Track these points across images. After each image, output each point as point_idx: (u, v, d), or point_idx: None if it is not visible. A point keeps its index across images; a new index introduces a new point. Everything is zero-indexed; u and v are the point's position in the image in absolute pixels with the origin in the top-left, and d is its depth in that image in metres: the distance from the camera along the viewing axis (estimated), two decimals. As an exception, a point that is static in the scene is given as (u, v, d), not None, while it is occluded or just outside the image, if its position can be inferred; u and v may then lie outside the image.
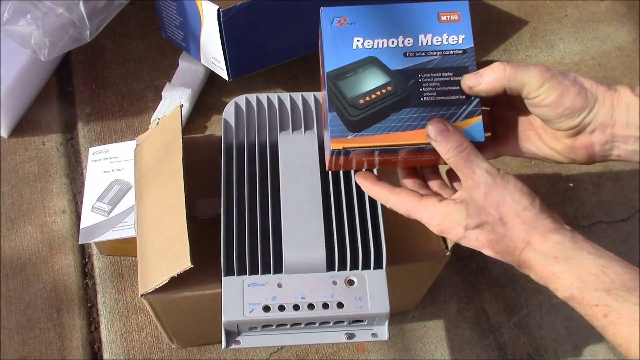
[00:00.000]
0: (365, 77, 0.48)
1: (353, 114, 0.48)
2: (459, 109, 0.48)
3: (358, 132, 0.48)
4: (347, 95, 0.48)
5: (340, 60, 0.49)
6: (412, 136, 0.47)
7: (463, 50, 0.49)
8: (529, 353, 0.79)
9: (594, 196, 0.91)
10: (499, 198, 0.44)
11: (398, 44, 0.49)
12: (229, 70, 0.82)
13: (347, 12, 0.49)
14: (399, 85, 0.48)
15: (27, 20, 0.78)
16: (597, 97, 0.44)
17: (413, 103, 0.48)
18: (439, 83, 0.48)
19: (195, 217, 0.63)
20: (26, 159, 0.87)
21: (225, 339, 0.55)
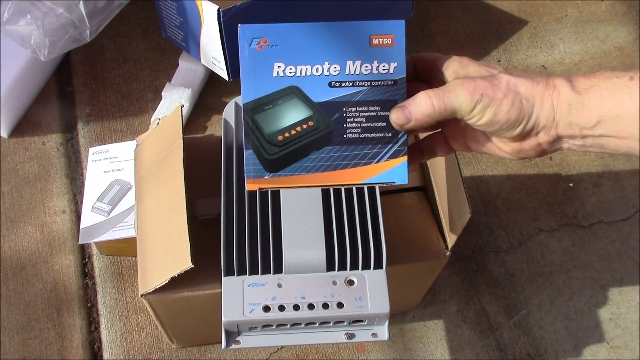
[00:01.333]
0: (285, 110, 0.44)
1: (271, 152, 0.44)
2: (383, 148, 0.45)
3: (275, 172, 0.44)
4: (265, 130, 0.44)
5: (258, 90, 0.44)
6: (334, 177, 0.45)
7: (394, 81, 0.45)
8: (529, 353, 0.79)
9: (594, 196, 0.91)
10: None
11: (323, 72, 0.44)
12: (229, 70, 0.82)
13: (268, 31, 0.44)
14: (322, 120, 0.44)
15: (27, 20, 0.78)
16: (535, 101, 0.42)
17: (336, 140, 0.44)
18: (365, 118, 0.45)
19: (196, 217, 0.63)
20: (26, 159, 0.87)
21: (225, 339, 0.55)
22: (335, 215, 0.57)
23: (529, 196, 0.89)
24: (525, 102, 0.42)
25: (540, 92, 0.43)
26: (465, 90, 0.42)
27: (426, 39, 1.03)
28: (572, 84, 0.42)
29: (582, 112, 0.42)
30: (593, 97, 0.41)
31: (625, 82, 0.41)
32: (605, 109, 0.41)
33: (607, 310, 0.82)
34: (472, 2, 1.08)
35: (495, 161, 0.91)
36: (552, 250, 0.86)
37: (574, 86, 0.42)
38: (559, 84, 0.43)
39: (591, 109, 0.41)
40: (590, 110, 0.41)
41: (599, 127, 0.42)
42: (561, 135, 0.43)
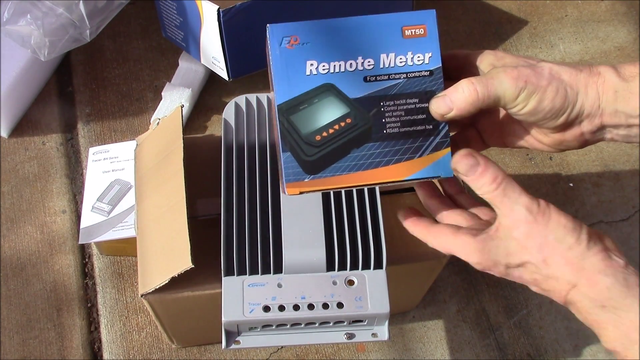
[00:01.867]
0: (321, 108, 0.43)
1: (309, 152, 0.43)
2: (425, 141, 0.44)
3: (316, 173, 0.43)
4: (302, 131, 0.43)
5: (292, 90, 0.43)
6: (376, 175, 0.44)
7: (430, 72, 0.44)
8: (529, 353, 0.79)
9: (594, 196, 0.91)
10: (541, 238, 0.40)
11: (357, 67, 0.43)
12: (229, 70, 0.82)
13: (298, 29, 0.43)
14: (360, 116, 0.43)
15: (27, 20, 0.78)
16: (579, 89, 0.41)
17: (375, 136, 0.43)
18: (404, 112, 0.43)
19: (196, 217, 0.63)
20: (26, 159, 0.87)
21: (225, 339, 0.55)
22: (335, 215, 0.57)
23: (529, 196, 0.89)
24: (570, 90, 0.41)
25: (584, 79, 0.41)
26: (509, 77, 0.40)
27: (426, 39, 1.03)
28: (618, 71, 0.41)
29: (630, 99, 0.40)
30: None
31: None
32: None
33: (607, 310, 0.82)
34: (472, 2, 1.08)
35: (495, 161, 0.91)
36: (552, 250, 0.86)
37: (620, 73, 0.41)
38: (604, 71, 0.41)
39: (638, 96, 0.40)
40: (637, 98, 0.40)
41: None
42: (606, 124, 0.42)
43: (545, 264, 0.40)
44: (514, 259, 0.41)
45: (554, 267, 0.40)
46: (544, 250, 0.40)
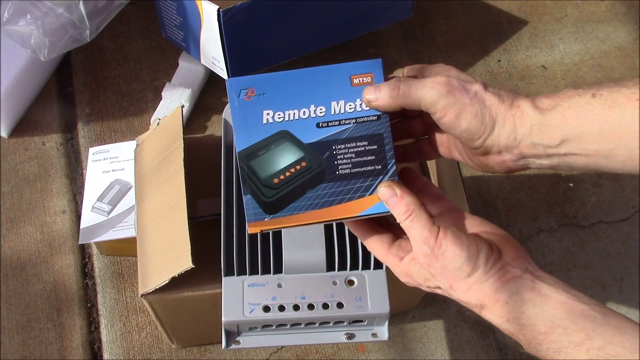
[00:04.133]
0: (278, 153, 0.47)
1: (268, 194, 0.46)
2: (375, 180, 0.46)
3: (274, 213, 0.46)
4: (261, 175, 0.47)
5: (250, 138, 0.47)
6: (330, 213, 0.46)
7: (377, 116, 0.47)
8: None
9: (594, 196, 0.91)
10: (441, 268, 0.43)
11: (310, 114, 0.47)
12: (229, 70, 0.82)
13: (255, 82, 0.47)
14: (314, 159, 0.46)
15: (27, 20, 0.78)
16: (497, 118, 0.43)
17: (329, 177, 0.46)
18: (354, 154, 0.47)
19: (196, 217, 0.63)
20: (26, 159, 0.87)
21: (225, 339, 0.55)
22: (335, 216, 0.57)
23: (529, 196, 0.89)
24: (489, 118, 0.43)
25: (503, 111, 0.43)
26: (434, 83, 0.43)
27: (426, 38, 1.03)
28: (536, 104, 0.42)
29: (545, 132, 0.42)
30: (556, 116, 0.41)
31: (587, 99, 0.41)
32: (569, 127, 0.41)
33: (607, 310, 0.82)
34: (472, 2, 1.08)
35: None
36: (552, 250, 0.86)
37: (537, 106, 0.42)
38: (523, 104, 0.43)
39: (554, 128, 0.41)
40: (554, 130, 0.41)
41: (563, 146, 0.42)
42: (525, 154, 0.43)
43: (453, 290, 0.43)
44: (429, 283, 0.45)
45: (460, 293, 0.43)
46: (448, 278, 0.43)
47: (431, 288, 0.46)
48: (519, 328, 0.41)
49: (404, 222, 0.44)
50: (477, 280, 0.42)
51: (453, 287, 0.43)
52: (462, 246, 0.42)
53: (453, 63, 1.00)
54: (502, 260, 0.43)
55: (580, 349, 0.39)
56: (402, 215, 0.44)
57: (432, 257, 0.43)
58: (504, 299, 0.42)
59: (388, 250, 0.48)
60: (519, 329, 0.41)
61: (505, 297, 0.42)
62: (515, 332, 0.42)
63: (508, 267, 0.43)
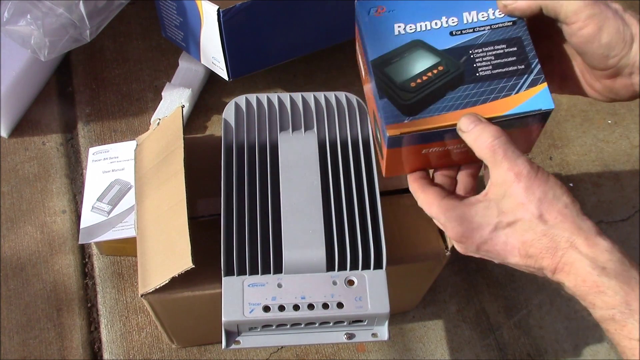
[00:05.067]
0: (412, 60, 0.45)
1: (406, 97, 0.44)
2: (520, 79, 0.44)
3: (414, 115, 0.44)
4: (397, 80, 0.45)
5: (383, 47, 0.46)
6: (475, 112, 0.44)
7: (512, 22, 0.45)
8: (529, 353, 0.79)
9: (594, 196, 0.91)
10: (541, 194, 0.39)
11: (442, 25, 0.46)
12: (229, 70, 0.82)
13: (384, 1, 0.47)
14: (451, 63, 0.45)
15: (27, 20, 0.78)
16: (635, 38, 0.40)
17: (469, 79, 0.44)
18: (493, 56, 0.45)
19: (196, 217, 0.63)
20: (26, 159, 0.87)
21: (225, 339, 0.55)
22: (335, 215, 0.57)
23: (529, 196, 0.89)
24: (629, 36, 0.41)
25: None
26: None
27: (426, 39, 1.03)
28: None
29: None
30: None
31: None
32: None
33: (607, 310, 0.82)
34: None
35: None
36: (552, 250, 0.86)
37: None
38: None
39: None
40: None
41: None
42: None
43: (542, 220, 0.39)
44: (506, 216, 0.41)
45: (551, 223, 0.39)
46: (542, 205, 0.39)
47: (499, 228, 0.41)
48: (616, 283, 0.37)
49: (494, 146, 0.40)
50: (574, 215, 0.39)
51: (544, 217, 0.39)
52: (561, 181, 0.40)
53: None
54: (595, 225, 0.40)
55: None
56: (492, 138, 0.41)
57: (534, 179, 0.40)
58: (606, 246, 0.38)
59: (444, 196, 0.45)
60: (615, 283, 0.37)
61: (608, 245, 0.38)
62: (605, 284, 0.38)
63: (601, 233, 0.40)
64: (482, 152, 0.41)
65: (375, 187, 0.59)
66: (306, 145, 0.60)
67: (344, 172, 0.59)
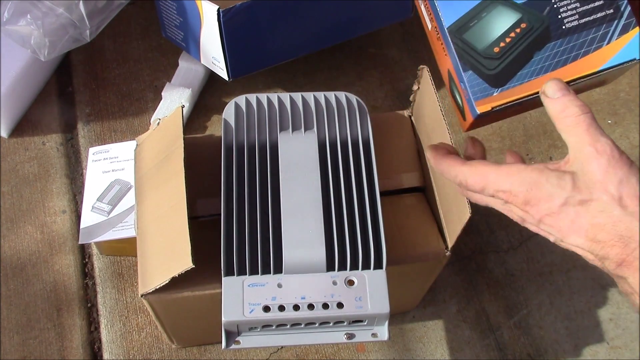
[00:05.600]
0: (492, 20, 0.42)
1: (491, 66, 0.42)
2: (610, 27, 0.41)
3: (503, 85, 0.42)
4: (478, 46, 0.42)
5: (457, 10, 0.42)
6: (568, 72, 0.41)
7: None
8: (529, 353, 0.79)
9: (594, 196, 0.91)
10: (623, 175, 0.36)
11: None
12: (229, 70, 0.82)
13: None
14: (534, 18, 0.42)
15: (27, 20, 0.78)
16: None
17: (555, 35, 0.42)
18: (579, 3, 0.41)
19: (196, 217, 0.63)
20: (26, 159, 0.87)
21: (225, 339, 0.55)
22: (335, 215, 0.57)
23: (529, 196, 0.89)
24: None
25: None
26: None
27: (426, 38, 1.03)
28: None
29: None
30: None
31: None
32: None
33: (607, 310, 0.82)
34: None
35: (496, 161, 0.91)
36: (552, 250, 0.86)
37: None
38: None
39: None
40: None
41: None
42: None
43: (621, 204, 0.36)
44: (580, 193, 0.37)
45: (631, 210, 0.36)
46: (623, 188, 0.36)
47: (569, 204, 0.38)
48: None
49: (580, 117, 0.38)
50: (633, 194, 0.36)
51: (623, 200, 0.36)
52: None
53: (453, 63, 1.00)
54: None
55: None
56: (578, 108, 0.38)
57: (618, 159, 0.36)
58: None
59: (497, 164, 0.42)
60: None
61: None
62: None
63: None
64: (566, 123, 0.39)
65: (375, 187, 0.59)
66: (306, 146, 0.60)
67: (344, 172, 0.59)
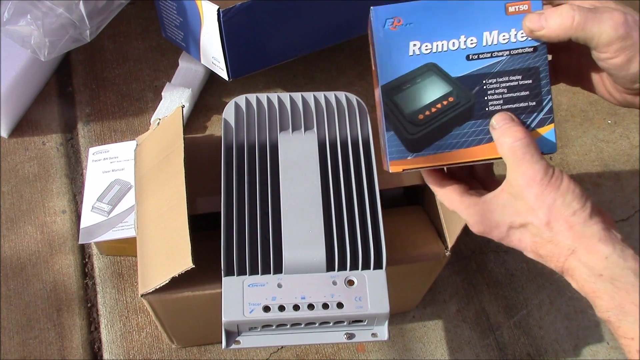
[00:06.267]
0: (424, 87, 0.44)
1: (412, 131, 0.44)
2: (529, 117, 0.43)
3: (418, 151, 0.44)
4: (405, 110, 0.44)
5: (395, 71, 0.44)
6: (478, 152, 0.44)
7: (533, 48, 0.43)
8: (529, 353, 0.79)
9: (594, 196, 0.91)
10: (551, 200, 0.40)
11: (459, 46, 0.44)
12: (229, 70, 0.82)
13: (402, 10, 0.44)
14: (462, 95, 0.44)
15: (27, 20, 0.78)
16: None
17: (477, 114, 0.44)
18: (506, 89, 0.44)
19: (195, 215, 0.63)
20: (26, 159, 0.87)
21: (225, 339, 0.55)
22: (335, 216, 0.57)
23: (529, 196, 0.89)
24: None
25: None
26: (613, 21, 0.39)
27: (426, 39, 1.03)
28: None
29: None
30: None
31: None
32: None
33: (607, 310, 0.82)
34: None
35: (495, 161, 0.91)
36: (552, 250, 0.86)
37: None
38: None
39: None
40: None
41: None
42: None
43: (548, 227, 0.41)
44: (518, 218, 0.42)
45: (556, 231, 0.40)
46: (551, 213, 0.40)
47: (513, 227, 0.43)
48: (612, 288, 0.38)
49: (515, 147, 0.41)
50: (580, 222, 0.40)
51: (550, 224, 0.41)
52: (575, 184, 0.41)
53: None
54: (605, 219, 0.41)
55: None
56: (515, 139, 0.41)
57: (547, 186, 0.40)
58: (605, 252, 0.39)
59: (464, 193, 0.45)
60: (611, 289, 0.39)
61: (608, 251, 0.39)
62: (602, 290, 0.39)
63: (611, 228, 0.40)
64: (503, 151, 0.42)
65: (375, 187, 0.59)
66: (306, 145, 0.60)
67: (344, 172, 0.59)
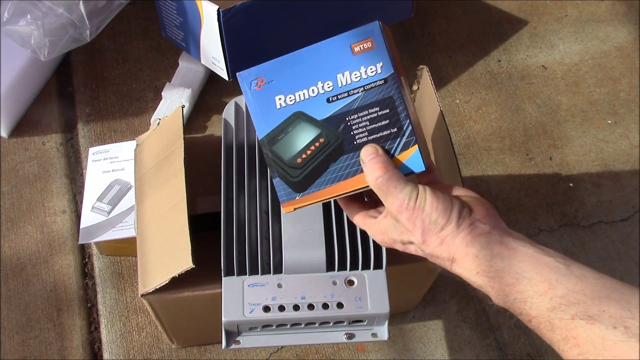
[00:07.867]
0: (296, 134, 0.48)
1: (294, 175, 0.49)
2: (393, 143, 0.48)
3: (304, 191, 0.49)
4: (285, 157, 0.49)
5: (268, 124, 0.49)
6: (356, 182, 0.48)
7: (384, 80, 0.47)
8: (529, 353, 0.79)
9: (594, 196, 0.91)
10: (421, 221, 0.45)
11: (319, 91, 0.48)
12: (229, 70, 0.82)
13: (262, 71, 0.48)
14: (330, 134, 0.48)
15: (27, 20, 0.78)
16: None
17: (348, 148, 0.48)
18: (368, 121, 0.48)
19: (195, 215, 0.63)
20: (26, 159, 0.87)
21: (225, 339, 0.55)
22: (335, 216, 0.57)
23: (529, 196, 0.89)
24: None
25: None
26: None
27: (426, 38, 1.03)
28: None
29: None
30: None
31: None
32: None
33: (607, 310, 0.82)
34: (472, 2, 1.08)
35: (495, 161, 0.91)
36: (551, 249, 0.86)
37: None
38: None
39: None
40: None
41: None
42: None
43: (426, 245, 0.46)
44: (404, 237, 0.47)
45: (432, 247, 0.46)
46: (424, 232, 0.45)
47: (405, 244, 0.48)
48: (488, 280, 0.44)
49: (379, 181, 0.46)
50: (449, 234, 0.45)
51: (426, 242, 0.45)
52: (438, 200, 0.45)
53: (453, 63, 1.01)
54: (473, 216, 0.45)
55: (544, 297, 0.41)
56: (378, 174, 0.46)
57: (413, 210, 0.45)
58: (474, 252, 0.44)
59: (366, 213, 0.51)
60: (488, 281, 0.44)
61: (476, 250, 0.44)
62: (484, 284, 0.44)
63: (478, 223, 0.45)
64: (372, 186, 0.47)
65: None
66: (306, 146, 0.60)
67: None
